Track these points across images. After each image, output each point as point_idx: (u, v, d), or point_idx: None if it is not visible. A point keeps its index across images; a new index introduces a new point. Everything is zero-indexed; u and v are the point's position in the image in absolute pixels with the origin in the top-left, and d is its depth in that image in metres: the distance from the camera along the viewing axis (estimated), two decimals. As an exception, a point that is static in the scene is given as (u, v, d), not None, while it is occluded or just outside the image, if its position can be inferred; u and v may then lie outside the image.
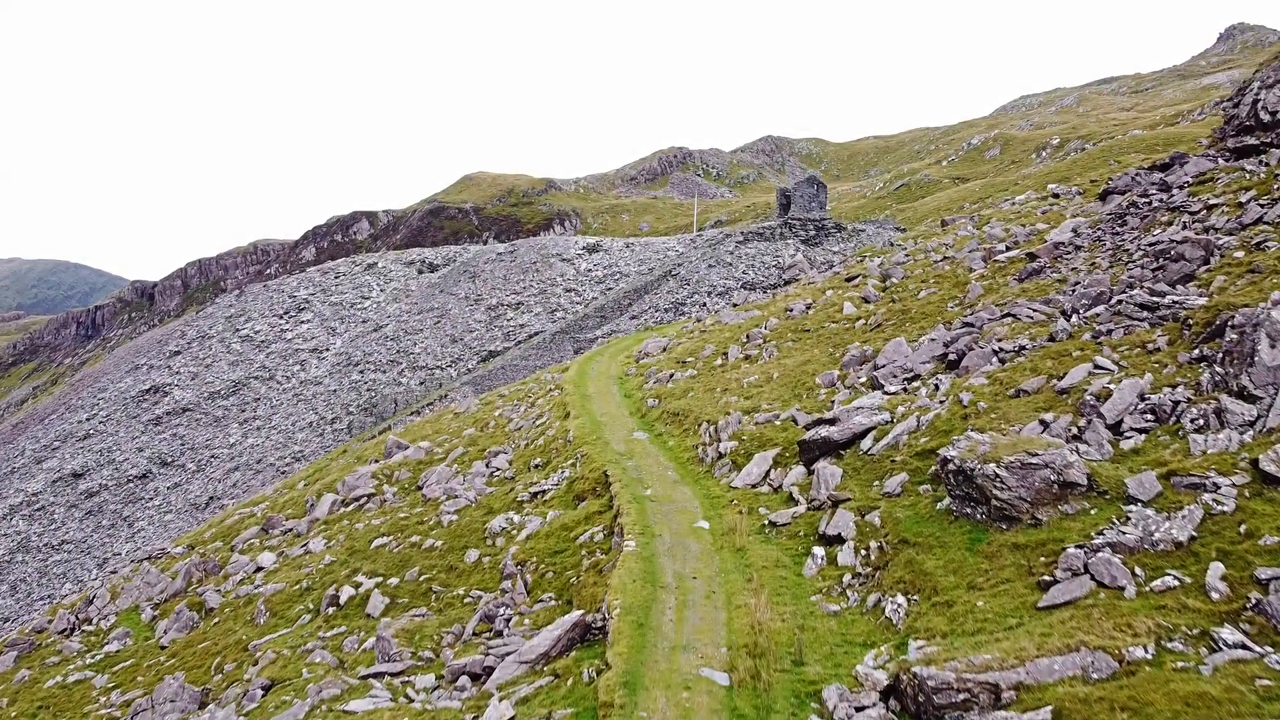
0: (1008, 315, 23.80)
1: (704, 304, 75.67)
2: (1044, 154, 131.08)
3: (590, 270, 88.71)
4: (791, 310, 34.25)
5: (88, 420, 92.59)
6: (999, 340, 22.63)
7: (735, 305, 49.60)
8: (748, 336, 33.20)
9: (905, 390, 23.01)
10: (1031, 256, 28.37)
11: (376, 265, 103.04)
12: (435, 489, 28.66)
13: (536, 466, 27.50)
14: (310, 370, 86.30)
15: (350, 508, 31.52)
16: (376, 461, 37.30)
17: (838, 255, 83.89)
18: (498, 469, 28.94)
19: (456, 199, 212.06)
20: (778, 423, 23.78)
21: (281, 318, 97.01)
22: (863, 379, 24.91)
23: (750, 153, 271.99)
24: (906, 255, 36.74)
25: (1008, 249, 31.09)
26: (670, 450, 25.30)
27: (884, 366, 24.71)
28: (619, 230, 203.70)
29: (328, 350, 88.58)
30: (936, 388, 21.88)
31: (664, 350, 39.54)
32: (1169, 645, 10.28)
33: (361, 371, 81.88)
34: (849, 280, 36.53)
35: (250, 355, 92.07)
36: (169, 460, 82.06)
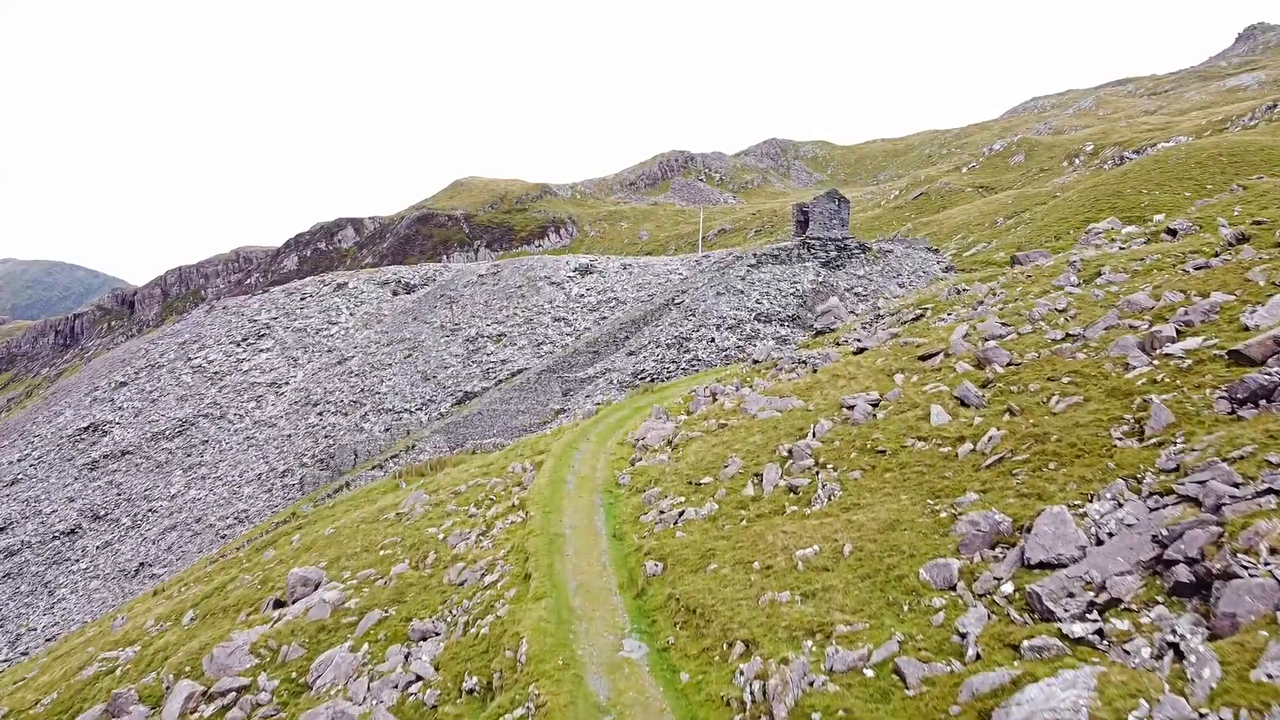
0: (1269, 492, 13.82)
1: (712, 339, 65.83)
2: (1078, 162, 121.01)
3: (582, 296, 78.68)
4: (851, 408, 24.24)
5: (18, 461, 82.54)
6: (1271, 548, 12.70)
7: (756, 363, 39.61)
8: (790, 451, 23.20)
9: (1100, 635, 13.04)
10: (1239, 358, 18.40)
11: (347, 286, 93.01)
12: (322, 714, 18.66)
13: (471, 692, 17.52)
14: (265, 409, 76.29)
15: (211, 709, 21.53)
16: (278, 609, 27.33)
17: (863, 280, 74.09)
18: (418, 677, 18.95)
19: (446, 205, 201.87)
20: (868, 673, 13.84)
21: (239, 345, 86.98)
22: (1006, 585, 14.90)
23: (754, 156, 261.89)
24: (1003, 325, 26.71)
25: (1178, 333, 21.10)
26: (684, 698, 15.30)
27: (1045, 568, 14.72)
28: (617, 239, 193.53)
29: (286, 385, 78.56)
30: (1179, 653, 11.90)
31: (669, 444, 29.55)
32: None
33: (320, 414, 71.84)
34: (925, 359, 26.51)
35: (201, 389, 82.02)
36: (101, 513, 72.05)
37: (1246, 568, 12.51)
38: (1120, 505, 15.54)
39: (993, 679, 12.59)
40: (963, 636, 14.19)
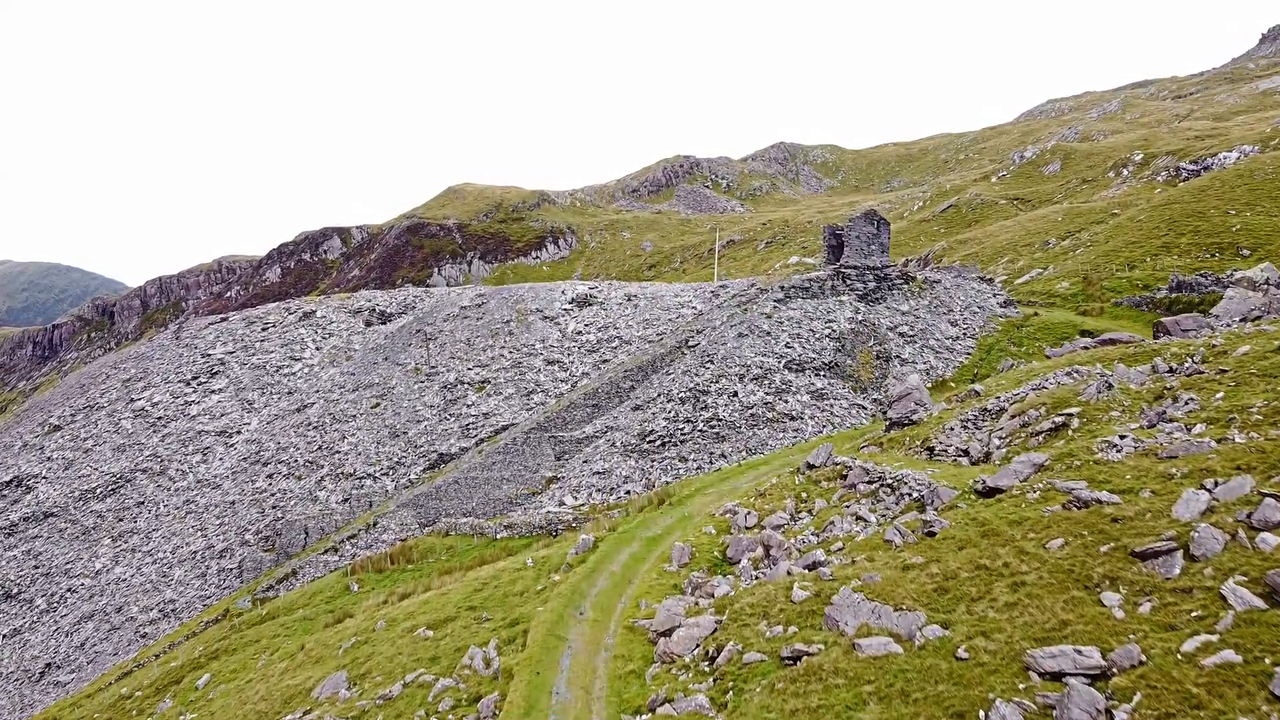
0: None
1: (734, 392, 55.11)
2: (1125, 172, 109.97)
3: (580, 333, 67.90)
4: (1055, 678, 13.53)
5: (-69, 521, 71.68)
6: None
7: (812, 469, 28.79)
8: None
9: None
10: None
11: (315, 315, 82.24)
12: None
13: None
14: (212, 464, 65.55)
15: None
16: None
17: (908, 318, 63.24)
18: None
19: (438, 214, 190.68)
20: None
21: (188, 384, 76.26)
22: None
23: (762, 161, 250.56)
24: (1254, 493, 15.94)
25: None
26: None
27: None
28: (619, 250, 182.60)
29: (238, 435, 67.85)
30: None
31: (708, 659, 18.84)
32: None
33: (271, 476, 61.07)
34: (1145, 559, 15.73)
35: (141, 437, 71.30)
36: (14, 591, 61.32)
37: None
38: None
39: None
40: None
